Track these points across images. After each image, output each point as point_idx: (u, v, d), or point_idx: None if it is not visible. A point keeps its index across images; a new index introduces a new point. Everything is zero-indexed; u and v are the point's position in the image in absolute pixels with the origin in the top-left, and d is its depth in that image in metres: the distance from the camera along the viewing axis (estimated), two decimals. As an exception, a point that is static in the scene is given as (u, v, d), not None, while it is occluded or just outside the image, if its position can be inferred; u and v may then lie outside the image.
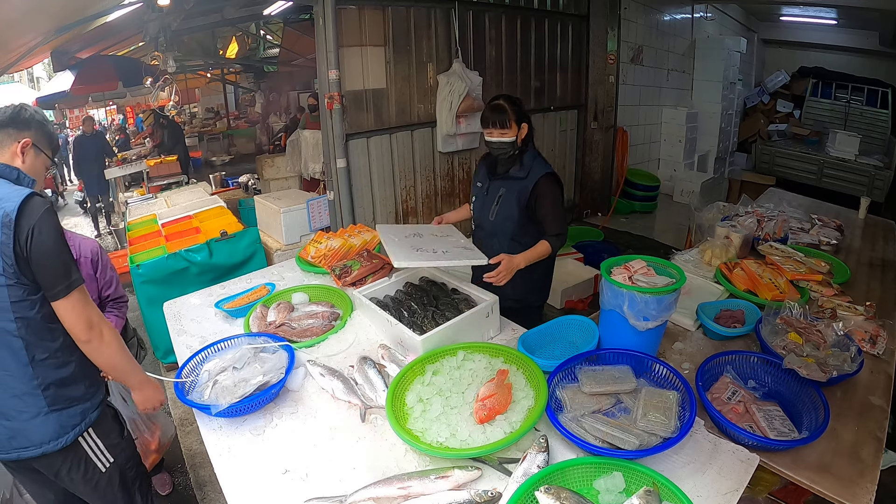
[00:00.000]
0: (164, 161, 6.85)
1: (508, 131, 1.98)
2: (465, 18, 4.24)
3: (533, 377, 1.46)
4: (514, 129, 1.99)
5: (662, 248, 4.96)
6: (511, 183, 2.05)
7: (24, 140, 1.39)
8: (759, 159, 7.60)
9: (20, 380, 1.30)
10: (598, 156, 5.89)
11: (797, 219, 2.92)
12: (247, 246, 3.41)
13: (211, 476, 2.37)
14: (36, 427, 1.33)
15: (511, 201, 2.05)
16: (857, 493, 1.20)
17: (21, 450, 1.35)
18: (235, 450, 1.37)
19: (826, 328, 1.68)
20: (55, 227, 1.28)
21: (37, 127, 1.42)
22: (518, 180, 2.04)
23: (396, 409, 1.39)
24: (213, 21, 6.31)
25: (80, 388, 1.39)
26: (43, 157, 1.45)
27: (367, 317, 1.94)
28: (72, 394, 1.38)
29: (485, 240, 2.16)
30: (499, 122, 1.98)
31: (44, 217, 1.26)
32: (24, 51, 4.68)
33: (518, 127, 2.00)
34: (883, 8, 5.24)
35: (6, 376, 1.30)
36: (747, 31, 8.22)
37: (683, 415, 1.30)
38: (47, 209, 1.28)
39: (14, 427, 1.33)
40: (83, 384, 1.40)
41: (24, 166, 1.39)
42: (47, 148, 1.46)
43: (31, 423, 1.33)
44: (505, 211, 2.07)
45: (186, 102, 11.74)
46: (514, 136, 1.99)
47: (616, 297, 1.54)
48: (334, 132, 3.64)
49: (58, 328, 1.32)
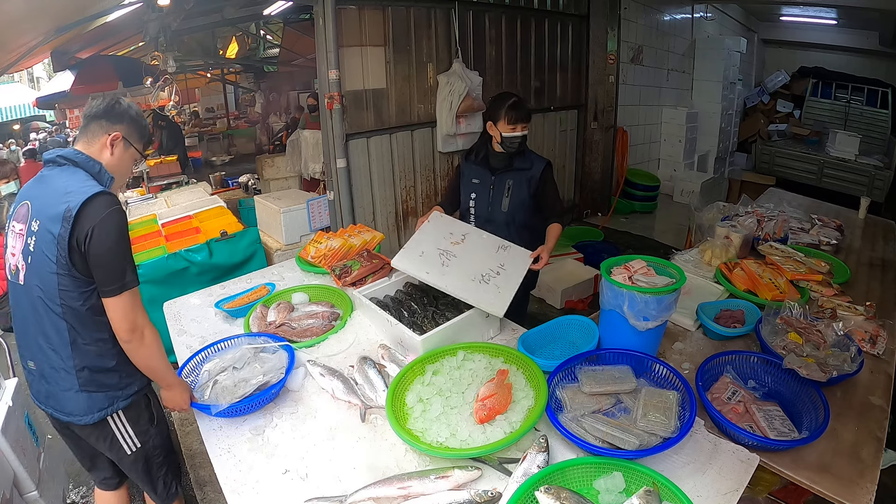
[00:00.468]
0: (164, 161, 6.85)
1: (529, 125, 2.14)
2: (465, 18, 4.23)
3: (533, 377, 1.46)
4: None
5: (662, 248, 4.96)
6: (518, 175, 2.20)
7: (115, 133, 1.41)
8: (759, 159, 7.59)
9: (60, 356, 1.36)
10: (598, 156, 5.89)
11: (797, 219, 2.92)
12: (247, 246, 3.41)
13: (211, 476, 2.37)
14: (68, 399, 1.40)
15: (522, 190, 2.20)
16: (857, 493, 1.20)
17: (55, 410, 1.43)
18: (235, 450, 1.37)
19: (826, 328, 1.68)
20: (118, 229, 1.31)
21: (129, 121, 1.44)
22: (525, 171, 2.20)
23: (396, 409, 1.39)
24: (213, 21, 6.31)
25: (113, 377, 1.42)
26: (132, 151, 1.47)
27: (367, 317, 1.94)
28: (104, 380, 1.41)
29: (496, 231, 2.18)
30: (525, 118, 2.12)
31: (107, 217, 1.28)
32: (24, 51, 4.69)
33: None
34: (883, 8, 5.24)
35: (49, 348, 1.37)
36: (747, 31, 8.22)
37: (683, 415, 1.30)
38: (113, 210, 1.30)
39: (50, 390, 1.41)
40: (117, 375, 1.43)
41: (111, 160, 1.42)
42: (138, 142, 1.48)
43: (65, 395, 1.39)
44: (518, 199, 2.21)
45: (186, 102, 11.73)
46: (527, 130, 2.15)
47: (616, 297, 1.54)
48: (334, 132, 3.64)
49: (104, 321, 1.35)
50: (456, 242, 1.96)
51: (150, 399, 1.58)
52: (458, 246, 1.94)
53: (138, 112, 1.48)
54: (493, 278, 1.83)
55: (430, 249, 1.89)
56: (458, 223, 2.13)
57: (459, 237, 1.99)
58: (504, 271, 1.87)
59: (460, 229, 2.06)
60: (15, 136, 11.14)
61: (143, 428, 1.54)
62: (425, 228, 2.02)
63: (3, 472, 1.70)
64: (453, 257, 1.88)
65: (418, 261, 1.84)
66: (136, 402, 1.50)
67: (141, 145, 1.49)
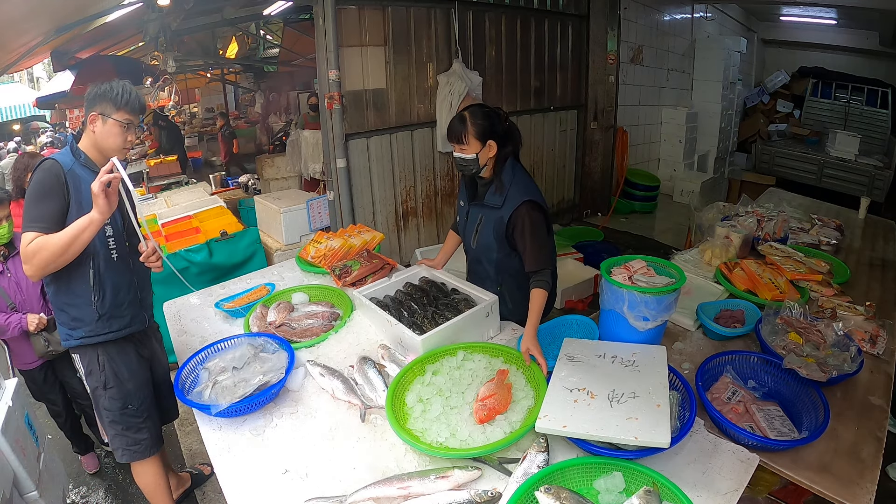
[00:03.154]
0: (164, 161, 6.85)
1: (466, 147, 1.78)
2: (465, 18, 4.24)
3: (533, 377, 1.46)
4: (473, 145, 1.77)
5: (662, 248, 4.96)
6: (488, 211, 1.87)
7: (91, 115, 1.62)
8: (759, 159, 7.59)
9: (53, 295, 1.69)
10: (598, 156, 5.89)
11: (797, 219, 2.92)
12: (247, 246, 3.41)
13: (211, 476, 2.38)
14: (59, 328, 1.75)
15: (489, 231, 1.88)
16: (857, 493, 1.20)
17: None
18: (235, 450, 1.37)
19: (826, 328, 1.68)
20: (31, 183, 1.57)
21: (99, 99, 1.61)
22: (494, 209, 1.84)
23: (396, 409, 1.39)
24: (213, 21, 6.30)
25: (65, 317, 1.69)
26: (111, 122, 1.62)
27: (367, 317, 1.94)
28: (63, 319, 1.70)
29: (471, 264, 2.08)
30: (454, 136, 1.80)
31: (32, 174, 1.59)
32: (24, 51, 4.69)
33: (481, 144, 1.77)
34: (883, 8, 5.23)
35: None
36: (747, 30, 8.22)
37: (683, 415, 1.30)
38: (36, 168, 1.58)
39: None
40: (67, 316, 1.69)
41: (97, 137, 1.64)
42: (115, 111, 1.62)
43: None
44: (484, 240, 1.92)
45: (186, 102, 11.74)
46: (473, 153, 1.77)
47: (616, 297, 1.54)
48: (334, 132, 3.64)
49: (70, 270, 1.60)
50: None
51: (104, 363, 1.76)
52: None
53: (107, 86, 1.62)
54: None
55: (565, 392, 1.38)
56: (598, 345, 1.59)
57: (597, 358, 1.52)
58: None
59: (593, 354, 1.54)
60: (14, 136, 11.13)
61: (96, 380, 1.76)
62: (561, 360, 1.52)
63: (3, 472, 1.70)
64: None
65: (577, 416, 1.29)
66: (85, 350, 1.73)
67: (120, 112, 1.61)
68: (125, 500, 2.40)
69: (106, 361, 1.75)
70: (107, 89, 1.61)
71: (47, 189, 1.54)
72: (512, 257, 1.91)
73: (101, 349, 1.74)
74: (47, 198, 1.53)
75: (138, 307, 1.81)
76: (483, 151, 1.79)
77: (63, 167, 1.57)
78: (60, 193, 1.55)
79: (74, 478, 2.50)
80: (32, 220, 1.51)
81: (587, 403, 1.30)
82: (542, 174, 5.39)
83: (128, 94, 1.63)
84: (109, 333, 1.72)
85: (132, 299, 1.78)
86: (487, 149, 1.79)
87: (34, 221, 1.51)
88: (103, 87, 1.62)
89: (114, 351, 1.76)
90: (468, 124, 1.77)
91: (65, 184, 1.56)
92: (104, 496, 2.42)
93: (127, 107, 1.62)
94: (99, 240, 1.63)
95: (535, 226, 1.78)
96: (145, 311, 1.86)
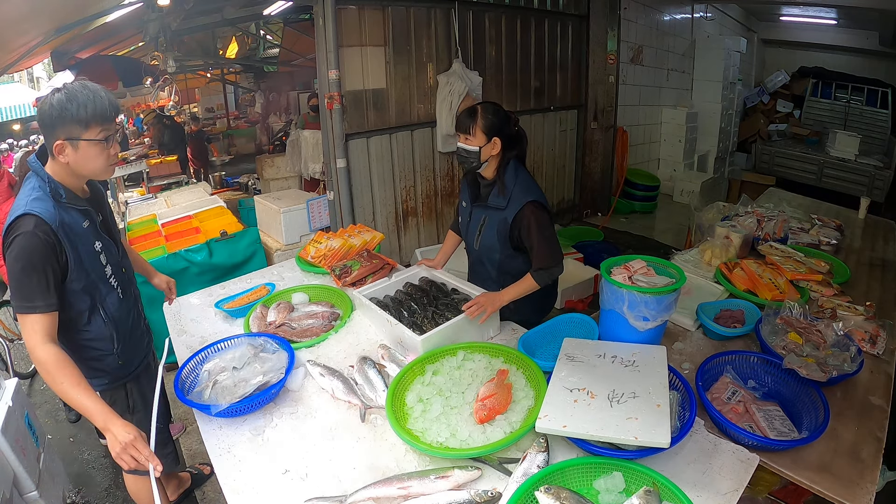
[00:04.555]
0: (164, 161, 6.86)
1: (472, 139, 1.80)
2: (465, 18, 4.24)
3: (533, 377, 1.46)
4: (479, 137, 1.79)
5: (662, 248, 4.96)
6: (492, 213, 1.88)
7: (56, 144, 1.32)
8: (759, 159, 7.59)
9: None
10: (598, 156, 5.89)
11: (797, 219, 2.92)
12: (247, 246, 3.42)
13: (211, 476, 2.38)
14: None
15: (492, 232, 1.89)
16: (857, 493, 1.20)
17: None
18: (235, 450, 1.37)
19: (826, 328, 1.68)
20: (14, 256, 1.29)
21: (61, 121, 1.30)
22: (498, 210, 1.85)
23: (396, 409, 1.39)
24: (213, 21, 6.29)
25: (83, 368, 1.38)
26: (84, 144, 1.32)
27: (367, 317, 1.94)
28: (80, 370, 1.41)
29: (473, 265, 2.10)
30: (462, 126, 1.82)
31: (13, 243, 1.30)
32: (24, 51, 4.68)
33: (487, 138, 1.79)
34: (883, 8, 5.23)
35: None
36: (747, 30, 8.22)
37: (683, 415, 1.30)
38: (18, 236, 1.30)
39: None
40: (86, 367, 1.48)
41: (72, 165, 1.35)
42: (84, 130, 1.31)
43: None
44: (487, 241, 1.93)
45: (186, 102, 11.73)
46: (477, 145, 1.79)
47: (616, 297, 1.54)
48: (334, 132, 3.64)
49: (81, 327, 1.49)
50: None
51: (132, 390, 1.69)
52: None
53: (62, 102, 1.28)
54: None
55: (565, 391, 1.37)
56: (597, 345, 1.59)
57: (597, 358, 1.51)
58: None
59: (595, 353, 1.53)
60: (15, 136, 11.12)
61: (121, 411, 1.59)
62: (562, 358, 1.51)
63: (3, 472, 1.70)
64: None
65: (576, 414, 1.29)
66: (108, 394, 1.62)
67: (91, 128, 1.32)
68: (125, 499, 2.40)
69: (134, 389, 1.72)
70: (64, 107, 1.28)
71: (37, 261, 1.29)
72: (514, 259, 1.93)
73: (126, 386, 1.70)
74: (39, 270, 1.29)
75: (145, 332, 1.81)
76: (487, 147, 1.81)
77: (50, 224, 1.31)
78: (53, 259, 1.32)
79: (74, 478, 2.50)
80: (26, 299, 1.28)
81: (587, 403, 1.30)
82: (543, 174, 5.39)
83: (92, 103, 1.30)
84: (130, 375, 1.69)
85: (143, 330, 1.77)
86: (492, 145, 1.81)
87: (28, 301, 1.28)
88: (57, 104, 1.28)
89: (133, 383, 1.73)
90: (478, 116, 1.80)
91: (55, 244, 1.32)
92: (104, 496, 2.42)
93: (97, 118, 1.31)
94: (103, 285, 1.49)
95: (541, 224, 1.80)
96: (149, 333, 1.85)
